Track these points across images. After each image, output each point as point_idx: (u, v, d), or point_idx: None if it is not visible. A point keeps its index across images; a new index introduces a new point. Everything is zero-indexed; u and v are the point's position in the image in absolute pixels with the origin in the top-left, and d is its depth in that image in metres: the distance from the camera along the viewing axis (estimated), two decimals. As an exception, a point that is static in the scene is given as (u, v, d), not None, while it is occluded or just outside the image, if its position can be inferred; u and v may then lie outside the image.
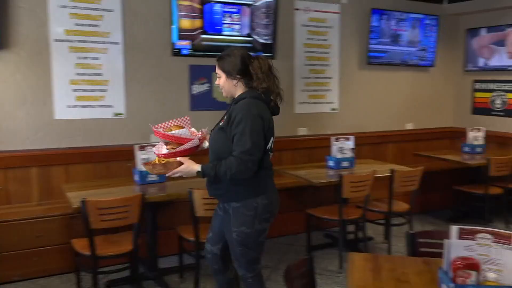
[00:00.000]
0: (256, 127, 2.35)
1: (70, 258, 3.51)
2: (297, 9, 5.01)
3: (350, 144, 4.38)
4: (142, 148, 3.66)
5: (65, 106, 4.02)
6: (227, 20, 4.51)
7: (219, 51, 2.67)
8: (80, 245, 3.20)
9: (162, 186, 3.59)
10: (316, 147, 5.03)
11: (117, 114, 4.24)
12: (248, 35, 4.65)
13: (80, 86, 4.06)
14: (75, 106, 4.06)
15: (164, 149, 2.53)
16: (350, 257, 2.19)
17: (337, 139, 4.37)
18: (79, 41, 4.01)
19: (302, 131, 5.16)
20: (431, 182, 4.96)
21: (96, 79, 4.11)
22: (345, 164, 4.32)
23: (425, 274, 2.03)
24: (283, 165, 4.74)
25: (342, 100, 5.39)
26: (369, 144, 5.47)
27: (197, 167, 2.44)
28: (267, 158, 2.51)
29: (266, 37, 4.73)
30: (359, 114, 5.54)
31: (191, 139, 2.49)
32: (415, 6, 5.69)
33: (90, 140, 4.16)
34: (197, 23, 4.37)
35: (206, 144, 2.59)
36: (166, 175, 2.54)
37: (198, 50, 4.42)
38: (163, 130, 2.50)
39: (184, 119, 2.65)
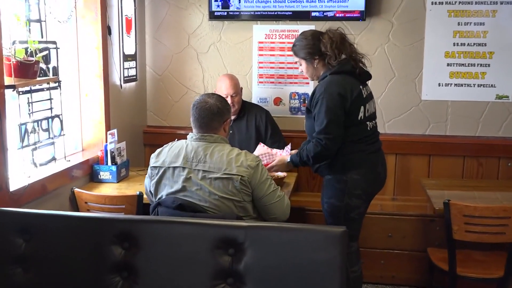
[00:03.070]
0: (332, 105, 2.43)
1: (423, 269, 3.11)
2: None
3: None
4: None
5: (436, 84, 3.50)
6: None
7: None
8: (437, 256, 2.85)
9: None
10: None
11: (500, 97, 3.45)
12: None
13: (456, 60, 3.46)
14: (448, 84, 3.48)
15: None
16: None
17: None
18: (462, 2, 3.37)
19: None
20: None
21: (477, 51, 3.41)
22: None
23: None
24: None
25: None
26: None
27: (288, 158, 2.70)
28: (362, 129, 2.52)
29: None
30: None
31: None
32: None
33: (461, 128, 3.53)
34: None
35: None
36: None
37: None
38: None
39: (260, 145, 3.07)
